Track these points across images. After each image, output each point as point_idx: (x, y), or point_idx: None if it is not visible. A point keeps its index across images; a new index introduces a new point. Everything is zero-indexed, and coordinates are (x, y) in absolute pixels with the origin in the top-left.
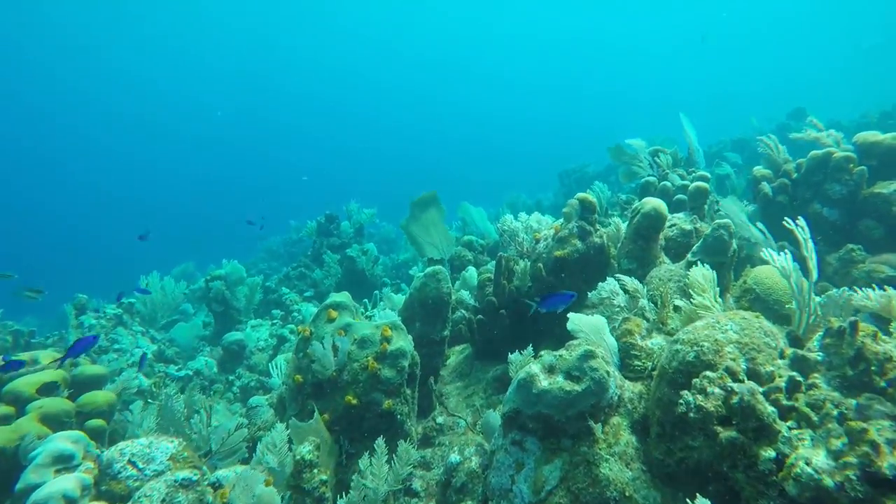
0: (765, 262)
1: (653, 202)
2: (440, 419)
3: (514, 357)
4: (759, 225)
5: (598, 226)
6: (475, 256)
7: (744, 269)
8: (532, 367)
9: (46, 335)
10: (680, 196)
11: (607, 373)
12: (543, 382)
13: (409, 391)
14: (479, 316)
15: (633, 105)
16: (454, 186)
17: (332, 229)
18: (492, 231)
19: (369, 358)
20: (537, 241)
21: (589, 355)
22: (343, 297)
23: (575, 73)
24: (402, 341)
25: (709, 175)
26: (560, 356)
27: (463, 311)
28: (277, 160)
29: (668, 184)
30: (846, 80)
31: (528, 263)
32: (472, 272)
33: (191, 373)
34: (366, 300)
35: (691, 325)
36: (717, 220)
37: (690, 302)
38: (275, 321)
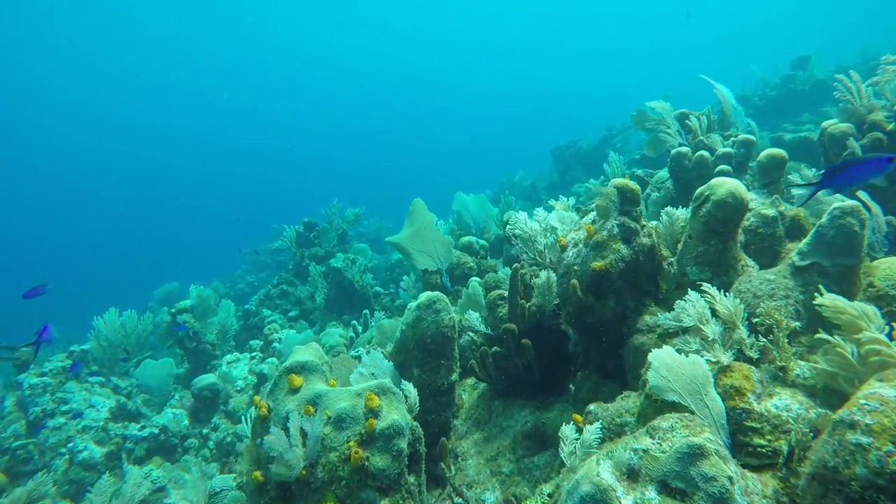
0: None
1: (727, 185)
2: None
3: (565, 431)
4: (863, 196)
5: (642, 220)
6: (478, 262)
7: None
8: (601, 473)
9: None
10: (723, 167)
11: (729, 480)
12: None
13: (412, 479)
14: (496, 348)
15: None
16: (444, 178)
17: (313, 238)
18: (493, 223)
19: (352, 443)
20: (564, 249)
21: (697, 452)
22: (309, 353)
23: (557, 54)
24: (396, 413)
25: (755, 139)
26: (645, 451)
27: (472, 336)
28: (261, 162)
29: (706, 153)
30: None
31: (553, 277)
32: (474, 286)
33: (156, 430)
34: (354, 322)
35: (867, 393)
36: (836, 204)
37: (844, 341)
38: (254, 353)
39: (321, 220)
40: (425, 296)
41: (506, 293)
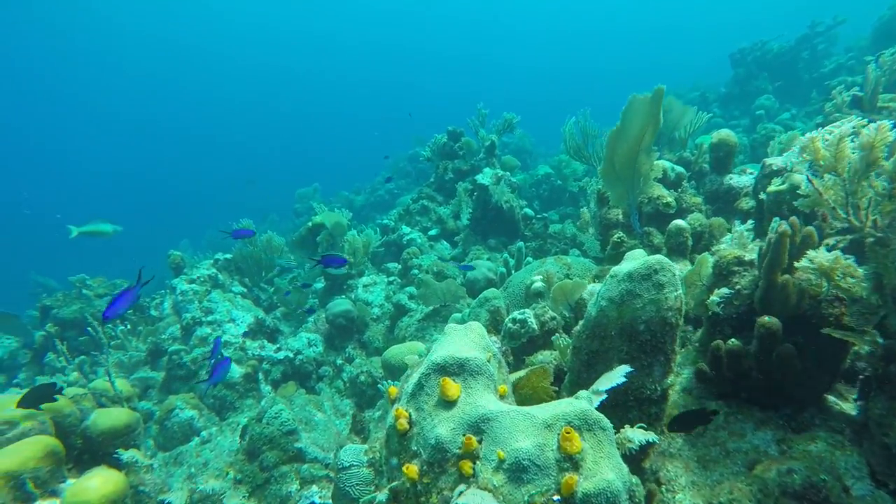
0: None
1: None
2: None
3: None
4: None
5: None
6: (677, 197)
7: None
8: None
9: (152, 295)
10: None
11: None
12: None
13: None
14: (733, 342)
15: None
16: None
17: (458, 149)
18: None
19: None
20: None
21: None
22: (470, 342)
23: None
24: (608, 466)
25: None
26: None
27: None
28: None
29: None
30: None
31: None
32: (678, 225)
33: (291, 354)
34: (507, 255)
35: None
36: None
37: None
38: (392, 278)
39: (468, 131)
40: (642, 262)
41: (744, 255)
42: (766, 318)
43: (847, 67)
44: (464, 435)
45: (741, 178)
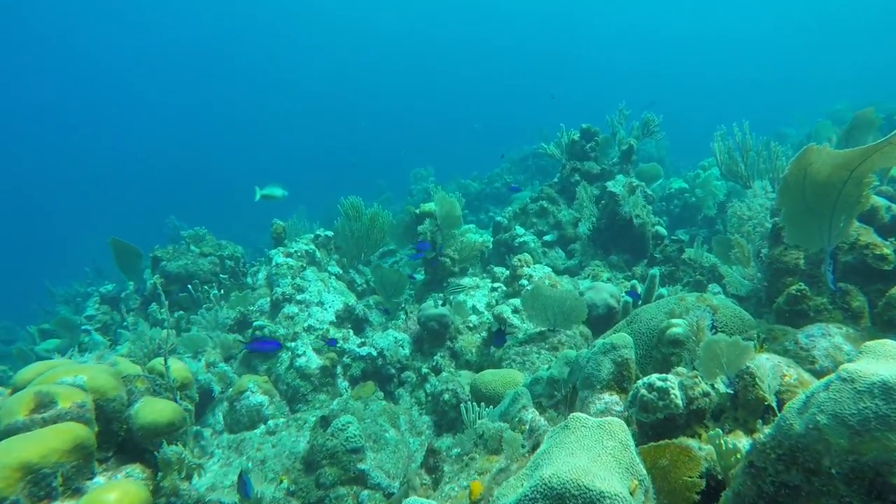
0: None
1: None
2: None
3: None
4: None
5: None
6: None
7: None
8: None
9: (251, 262)
10: None
11: None
12: None
13: None
14: None
15: None
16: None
17: (589, 150)
18: None
19: None
20: None
21: None
22: (605, 446)
23: None
24: None
25: None
26: None
27: None
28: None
29: None
30: None
31: None
32: None
33: (375, 353)
34: (635, 282)
35: None
36: None
37: None
38: (496, 285)
39: (604, 129)
40: None
41: None
42: None
43: None
44: None
45: None
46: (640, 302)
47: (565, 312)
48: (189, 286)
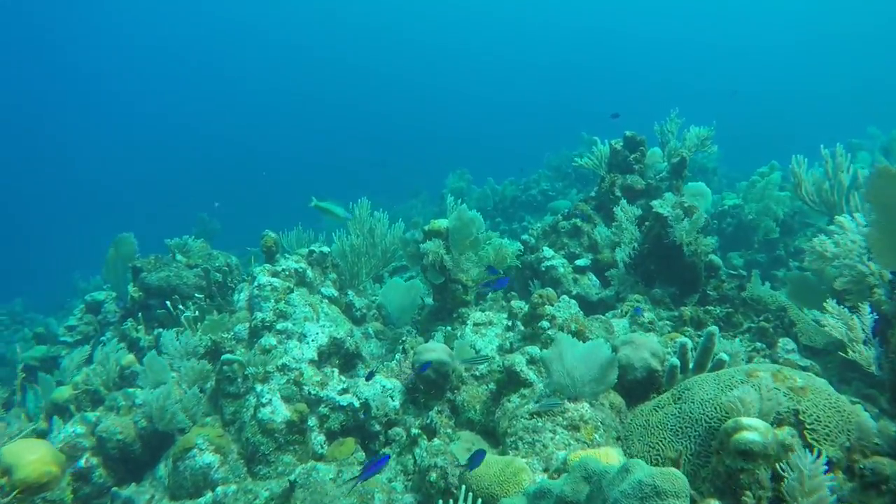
0: None
1: None
2: None
3: None
4: None
5: None
6: None
7: None
8: None
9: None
10: None
11: None
12: None
13: None
14: None
15: None
16: None
17: (633, 162)
18: None
19: None
20: None
21: None
22: None
23: None
24: None
25: None
26: None
27: None
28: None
29: None
30: None
31: None
32: None
33: (357, 404)
34: (685, 340)
35: None
36: None
37: None
38: (514, 321)
39: (652, 139)
40: None
41: None
42: None
43: None
44: None
45: None
46: (690, 366)
47: (592, 375)
48: (167, 302)
